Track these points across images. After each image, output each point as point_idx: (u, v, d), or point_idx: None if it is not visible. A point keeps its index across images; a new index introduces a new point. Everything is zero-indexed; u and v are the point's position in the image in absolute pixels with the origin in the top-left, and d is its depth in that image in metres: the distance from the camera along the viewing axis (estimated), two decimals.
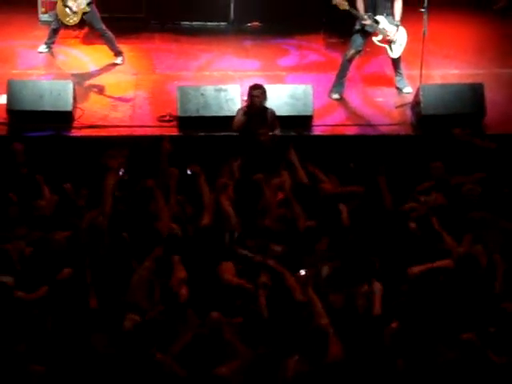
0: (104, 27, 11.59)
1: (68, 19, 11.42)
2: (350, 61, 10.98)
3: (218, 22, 13.15)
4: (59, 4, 11.42)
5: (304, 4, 13.10)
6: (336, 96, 11.10)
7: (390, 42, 10.91)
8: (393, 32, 10.83)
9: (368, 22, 10.68)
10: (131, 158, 8.68)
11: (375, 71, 11.77)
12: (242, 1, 13.03)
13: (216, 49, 12.40)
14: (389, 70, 11.44)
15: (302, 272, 6.96)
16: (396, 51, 10.96)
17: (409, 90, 11.16)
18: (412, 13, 11.03)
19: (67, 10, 11.34)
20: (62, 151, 9.87)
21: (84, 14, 11.39)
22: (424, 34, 10.71)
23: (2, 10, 12.78)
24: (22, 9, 12.91)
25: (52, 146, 9.95)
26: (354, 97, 11.19)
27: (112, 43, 11.70)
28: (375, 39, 10.91)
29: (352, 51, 10.93)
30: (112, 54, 11.76)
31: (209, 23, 13.13)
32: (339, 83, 11.10)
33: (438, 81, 11.32)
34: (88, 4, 11.32)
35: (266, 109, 9.51)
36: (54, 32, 11.79)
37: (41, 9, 12.98)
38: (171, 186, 7.98)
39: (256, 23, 13.14)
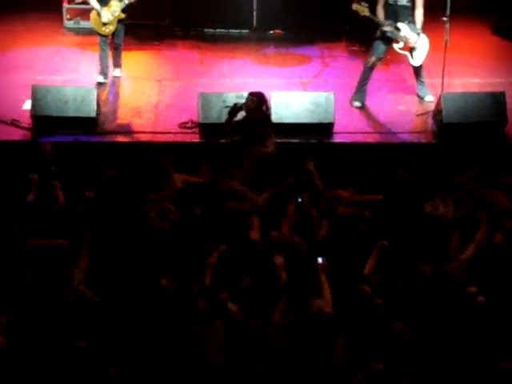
0: (122, 44, 11.50)
1: (104, 28, 11.27)
2: (371, 68, 11.00)
3: (240, 29, 13.28)
4: (93, 15, 11.25)
5: (326, 12, 13.18)
6: (357, 104, 11.13)
7: (411, 50, 10.92)
8: (414, 39, 10.84)
9: (388, 28, 10.69)
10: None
11: (397, 79, 11.79)
12: (265, 9, 13.13)
13: (238, 56, 12.49)
14: (410, 78, 11.45)
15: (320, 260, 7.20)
16: (417, 59, 10.97)
17: (430, 98, 11.16)
18: (434, 21, 11.03)
19: (101, 19, 11.18)
20: (85, 157, 9.94)
21: (119, 21, 11.26)
22: (446, 42, 10.70)
23: (27, 17, 12.96)
24: (46, 15, 13.09)
25: (75, 151, 10.02)
26: (375, 104, 11.18)
27: (119, 57, 11.59)
28: (396, 46, 10.91)
29: (373, 59, 10.94)
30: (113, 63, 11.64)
31: (231, 30, 13.25)
32: (360, 91, 11.12)
33: (460, 89, 11.31)
34: (122, 11, 11.19)
35: (259, 122, 9.31)
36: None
37: (66, 15, 13.15)
38: None
39: (278, 31, 13.23)
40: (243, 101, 9.46)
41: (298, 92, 11.03)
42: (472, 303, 6.70)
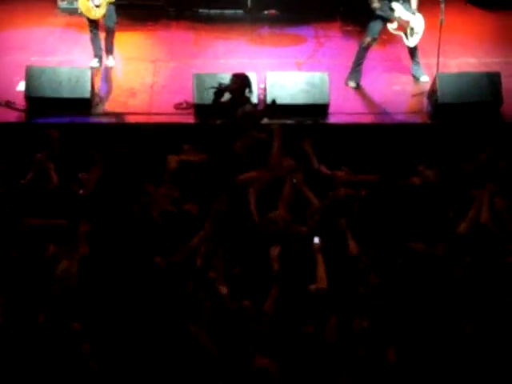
0: (114, 28, 11.22)
1: (93, 13, 10.99)
2: (366, 48, 10.96)
3: (235, 9, 13.25)
4: None
5: None
6: (353, 84, 11.10)
7: (406, 30, 10.90)
8: (409, 20, 10.81)
9: (378, 5, 10.65)
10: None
11: (392, 59, 11.76)
12: None
13: (233, 36, 12.46)
14: (406, 58, 11.42)
15: (316, 240, 7.16)
16: (412, 40, 10.93)
17: (426, 78, 11.15)
18: (429, 1, 11.01)
19: (90, 3, 10.95)
20: (80, 138, 9.92)
21: (109, 4, 11.00)
22: (441, 22, 10.66)
23: None
24: None
25: (70, 133, 10.00)
26: (370, 85, 11.17)
27: (111, 45, 11.34)
28: (390, 27, 10.86)
29: (368, 39, 10.91)
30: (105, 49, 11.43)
31: (226, 11, 13.21)
32: (356, 71, 11.09)
33: (455, 69, 11.30)
34: None
35: (243, 104, 9.36)
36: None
37: None
38: None
39: (273, 11, 13.19)
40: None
41: (293, 72, 11.00)
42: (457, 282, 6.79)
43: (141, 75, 11.30)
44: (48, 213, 7.95)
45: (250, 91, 9.51)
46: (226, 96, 9.47)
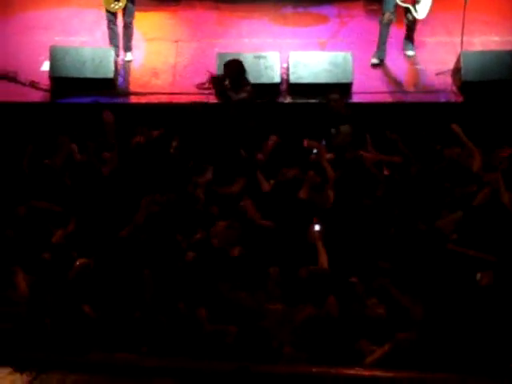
0: (133, 23, 11.07)
1: (113, 5, 10.86)
2: (387, 25, 10.86)
3: None
4: None
5: None
6: (376, 61, 11.05)
7: (414, 2, 10.81)
8: None
9: None
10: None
11: (415, 38, 11.69)
12: None
13: (256, 16, 12.41)
14: (429, 37, 11.38)
15: (317, 227, 7.17)
16: (421, 11, 10.85)
17: (411, 53, 11.20)
18: None
19: None
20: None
21: None
22: (466, 1, 10.61)
23: None
24: None
25: (93, 112, 10.04)
26: (393, 64, 11.13)
27: (129, 39, 11.14)
28: (398, 0, 10.80)
29: (386, 15, 10.82)
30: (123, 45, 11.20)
31: None
32: (381, 49, 11.03)
33: (479, 48, 11.21)
34: None
35: (242, 87, 9.48)
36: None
37: None
38: None
39: None
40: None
41: (316, 52, 10.99)
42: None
43: (163, 55, 11.32)
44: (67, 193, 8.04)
45: (246, 74, 9.54)
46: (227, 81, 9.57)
